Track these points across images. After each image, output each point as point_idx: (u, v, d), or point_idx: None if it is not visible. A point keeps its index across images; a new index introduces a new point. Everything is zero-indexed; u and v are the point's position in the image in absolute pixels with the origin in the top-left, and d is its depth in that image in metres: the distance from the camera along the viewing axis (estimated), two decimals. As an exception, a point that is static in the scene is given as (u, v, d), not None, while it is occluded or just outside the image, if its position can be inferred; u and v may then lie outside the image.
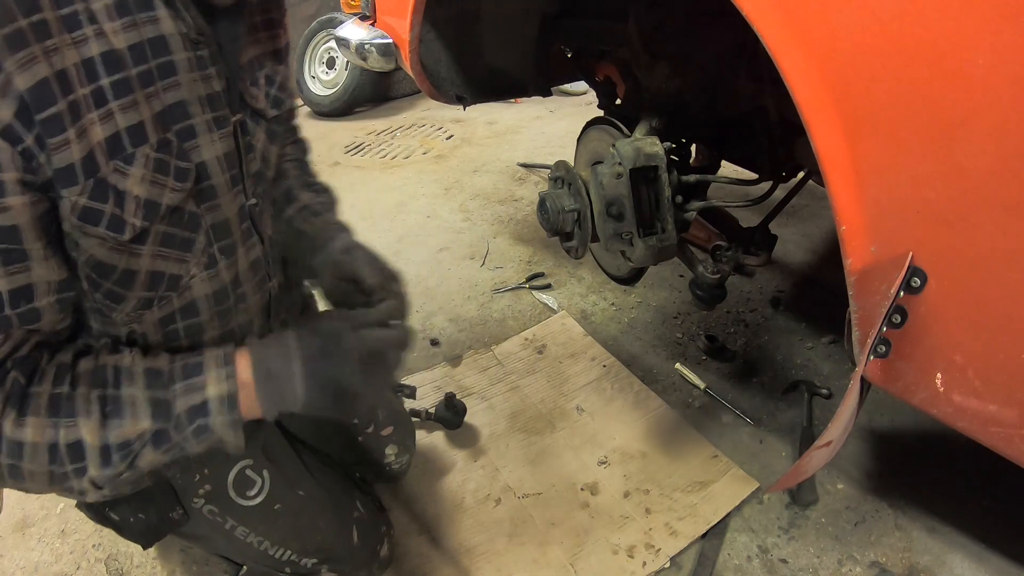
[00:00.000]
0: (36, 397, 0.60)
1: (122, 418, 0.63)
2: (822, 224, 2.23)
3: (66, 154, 0.55)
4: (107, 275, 0.64)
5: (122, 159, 0.59)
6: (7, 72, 0.50)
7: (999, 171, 0.57)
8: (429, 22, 1.42)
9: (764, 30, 0.70)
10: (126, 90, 0.58)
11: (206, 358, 0.68)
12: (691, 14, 1.12)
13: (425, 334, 1.77)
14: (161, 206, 0.63)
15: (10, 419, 0.59)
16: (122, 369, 0.65)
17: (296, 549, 0.96)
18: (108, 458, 0.62)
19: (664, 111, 1.17)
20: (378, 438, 1.15)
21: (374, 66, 1.85)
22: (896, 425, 1.41)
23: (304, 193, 0.95)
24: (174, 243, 0.67)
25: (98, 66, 0.56)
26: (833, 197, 0.70)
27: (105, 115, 0.57)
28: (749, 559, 1.16)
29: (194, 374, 0.66)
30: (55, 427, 0.60)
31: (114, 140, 0.58)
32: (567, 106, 3.62)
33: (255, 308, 0.82)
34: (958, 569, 1.12)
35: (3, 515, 1.28)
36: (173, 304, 0.71)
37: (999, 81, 0.55)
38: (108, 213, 0.59)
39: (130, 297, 0.66)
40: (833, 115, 0.67)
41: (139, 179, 0.60)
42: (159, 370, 0.66)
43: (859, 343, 0.73)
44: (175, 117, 0.63)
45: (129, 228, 0.61)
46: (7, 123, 0.51)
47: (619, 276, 1.39)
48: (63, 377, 0.62)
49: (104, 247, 0.61)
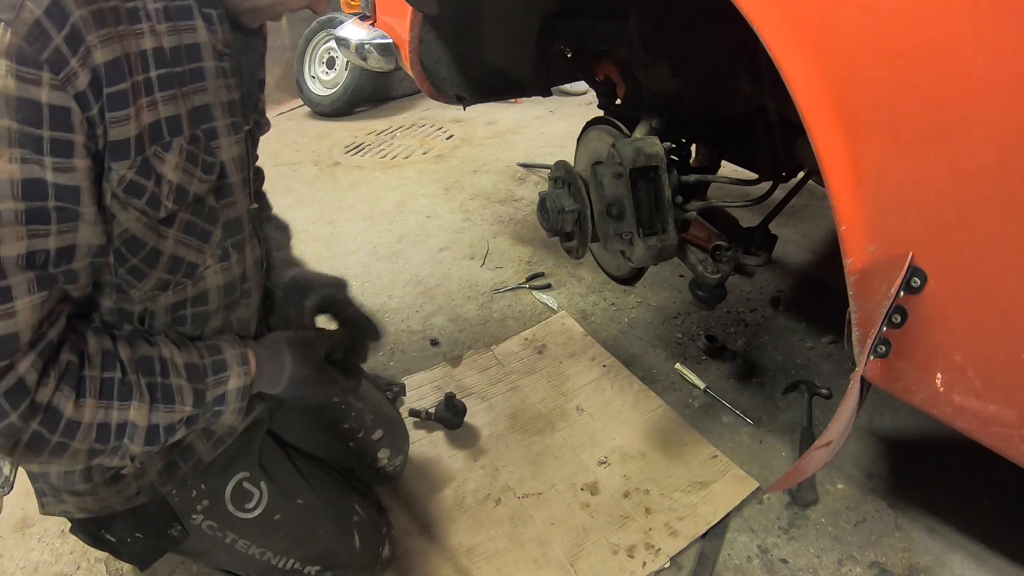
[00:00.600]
0: (91, 381, 0.65)
1: (172, 403, 0.71)
2: (822, 224, 2.23)
3: (124, 128, 0.60)
4: (136, 251, 0.68)
5: (161, 145, 0.65)
6: (88, 44, 0.56)
7: (999, 171, 0.57)
8: (429, 22, 1.42)
9: (764, 30, 0.70)
10: (169, 84, 0.65)
11: (228, 357, 0.78)
12: (691, 14, 1.13)
13: (425, 334, 1.77)
14: (189, 193, 0.69)
15: (71, 401, 0.63)
16: (166, 361, 0.73)
17: (299, 558, 0.96)
18: (155, 437, 0.70)
19: (664, 111, 1.18)
20: (369, 442, 1.16)
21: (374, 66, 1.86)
22: (896, 425, 1.41)
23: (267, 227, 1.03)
24: (195, 232, 0.73)
25: (149, 59, 0.63)
26: (833, 197, 0.70)
27: (151, 103, 0.63)
28: (749, 559, 1.16)
29: (220, 371, 0.77)
30: (108, 408, 0.66)
31: (156, 127, 0.64)
32: (567, 106, 3.62)
33: (255, 305, 0.88)
34: (958, 569, 1.12)
35: (3, 515, 1.28)
36: (187, 291, 0.76)
37: (999, 81, 0.55)
38: (149, 190, 0.65)
39: (151, 276, 0.71)
40: (833, 115, 0.67)
41: (173, 166, 0.66)
42: (196, 365, 0.75)
43: (859, 343, 0.73)
44: (201, 118, 0.70)
45: (163, 208, 0.67)
46: (82, 90, 0.56)
47: (619, 276, 1.39)
48: (112, 363, 0.68)
49: (140, 223, 0.66)
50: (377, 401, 1.22)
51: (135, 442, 0.69)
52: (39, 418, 0.61)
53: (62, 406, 0.62)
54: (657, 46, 1.15)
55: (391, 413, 1.24)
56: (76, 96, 0.56)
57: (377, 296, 1.94)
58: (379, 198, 2.61)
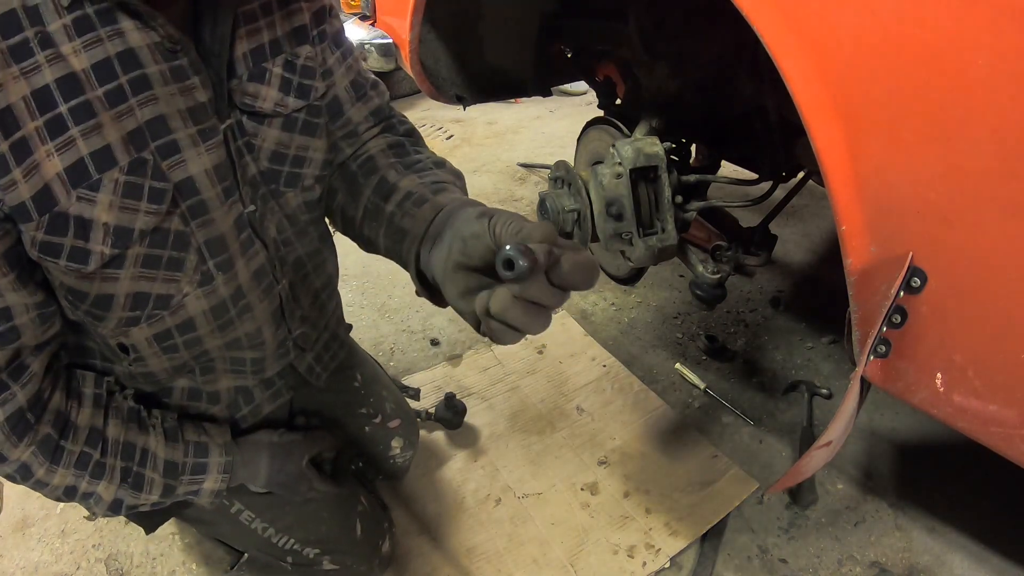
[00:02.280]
0: (69, 453, 0.70)
1: (139, 491, 0.77)
2: (822, 224, 2.23)
3: (15, 194, 0.52)
4: (82, 299, 0.64)
5: (87, 186, 0.55)
6: None
7: (999, 171, 0.57)
8: (429, 22, 1.42)
9: (764, 30, 0.70)
10: (88, 114, 0.54)
11: (210, 462, 0.82)
12: (691, 14, 1.13)
13: (425, 334, 1.77)
14: (134, 231, 0.60)
15: (43, 468, 0.68)
16: (148, 452, 0.77)
17: (300, 538, 0.96)
18: (117, 508, 0.77)
19: (664, 111, 1.18)
20: (385, 429, 1.16)
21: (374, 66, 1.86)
22: (896, 425, 1.41)
23: (406, 178, 0.75)
24: (159, 264, 0.64)
25: (54, 93, 0.52)
26: (833, 197, 0.70)
27: (64, 144, 0.53)
28: (749, 559, 1.16)
29: (199, 472, 0.82)
30: (79, 478, 0.72)
31: (77, 168, 0.55)
32: (567, 106, 3.62)
33: (263, 316, 0.79)
34: (958, 569, 1.12)
35: (3, 515, 1.28)
36: (167, 322, 0.70)
37: (999, 81, 0.55)
38: (68, 246, 0.57)
39: (110, 317, 0.66)
40: (833, 115, 0.67)
41: (107, 205, 0.57)
42: (176, 464, 0.79)
43: (859, 343, 0.73)
44: (154, 133, 0.59)
45: (96, 258, 0.59)
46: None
47: (619, 276, 1.40)
48: (96, 441, 0.72)
49: (71, 276, 0.60)
50: (397, 393, 1.22)
51: (99, 507, 0.76)
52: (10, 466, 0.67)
53: (33, 468, 0.68)
54: (657, 46, 1.15)
55: (408, 408, 1.25)
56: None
57: (377, 296, 1.94)
58: (379, 198, 2.61)
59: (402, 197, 0.73)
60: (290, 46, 0.71)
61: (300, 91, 0.72)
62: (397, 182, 0.75)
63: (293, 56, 0.71)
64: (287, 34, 0.71)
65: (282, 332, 0.85)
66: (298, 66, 0.72)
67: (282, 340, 0.86)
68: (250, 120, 0.69)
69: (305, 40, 0.73)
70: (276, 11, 0.69)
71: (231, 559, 1.14)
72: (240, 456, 0.87)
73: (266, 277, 0.78)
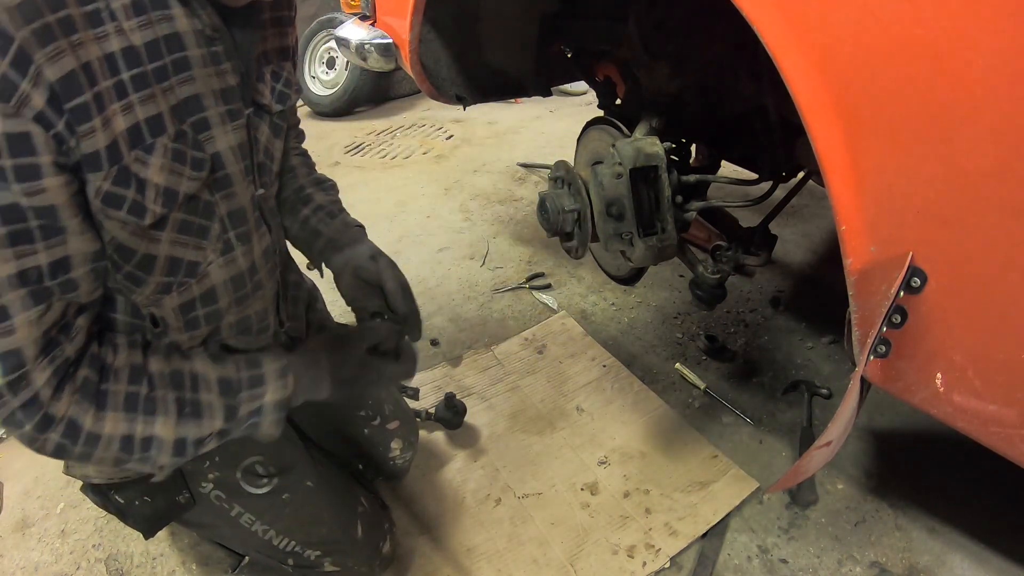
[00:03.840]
0: (114, 395, 0.67)
1: (201, 418, 0.72)
2: (822, 224, 2.23)
3: (92, 141, 0.58)
4: (128, 258, 0.67)
5: (143, 148, 0.62)
6: (38, 64, 0.54)
7: (999, 171, 0.57)
8: (429, 22, 1.42)
9: (764, 30, 0.70)
10: (144, 84, 0.62)
11: (266, 371, 0.78)
12: (691, 14, 1.12)
13: (425, 334, 1.76)
14: (179, 194, 0.67)
15: (90, 414, 0.65)
16: (198, 376, 0.73)
17: (300, 540, 0.96)
18: (183, 450, 0.72)
19: (664, 111, 1.17)
20: (384, 431, 1.16)
21: (374, 66, 1.85)
22: (896, 425, 1.41)
23: (316, 192, 1.01)
24: (191, 230, 0.71)
25: (119, 61, 0.59)
26: (833, 197, 0.70)
27: (126, 107, 0.60)
28: (749, 559, 1.16)
29: (256, 384, 0.77)
30: (133, 422, 0.68)
31: (135, 130, 0.61)
32: (567, 106, 3.62)
33: (270, 296, 0.87)
34: (958, 569, 1.12)
35: (3, 515, 1.28)
36: (192, 291, 0.75)
37: (999, 81, 0.55)
38: (130, 199, 0.63)
39: (149, 281, 0.70)
40: (833, 115, 0.67)
41: (159, 168, 0.64)
42: (229, 380, 0.75)
43: (859, 343, 0.73)
44: (190, 110, 0.67)
45: (150, 214, 0.65)
46: (40, 110, 0.54)
47: (619, 276, 1.39)
48: (139, 377, 0.69)
49: (125, 231, 0.65)
50: (396, 394, 1.23)
51: (163, 454, 0.70)
52: (58, 430, 0.64)
53: (80, 419, 0.64)
54: (657, 46, 1.15)
55: (407, 408, 1.25)
56: (35, 117, 0.54)
57: (377, 296, 1.94)
58: (379, 198, 2.61)
59: (316, 207, 0.99)
60: (277, 59, 0.84)
61: (280, 98, 0.84)
62: (313, 195, 1.00)
63: (279, 68, 0.84)
64: (276, 49, 0.84)
65: (276, 321, 0.91)
66: (282, 77, 0.85)
67: (277, 330, 0.91)
68: (255, 115, 0.79)
69: (288, 58, 0.87)
70: (270, 28, 0.82)
71: (232, 562, 1.14)
72: (297, 359, 0.82)
73: (271, 258, 0.86)
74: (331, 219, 0.98)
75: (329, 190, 1.03)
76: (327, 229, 0.96)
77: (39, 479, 1.35)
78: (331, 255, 0.95)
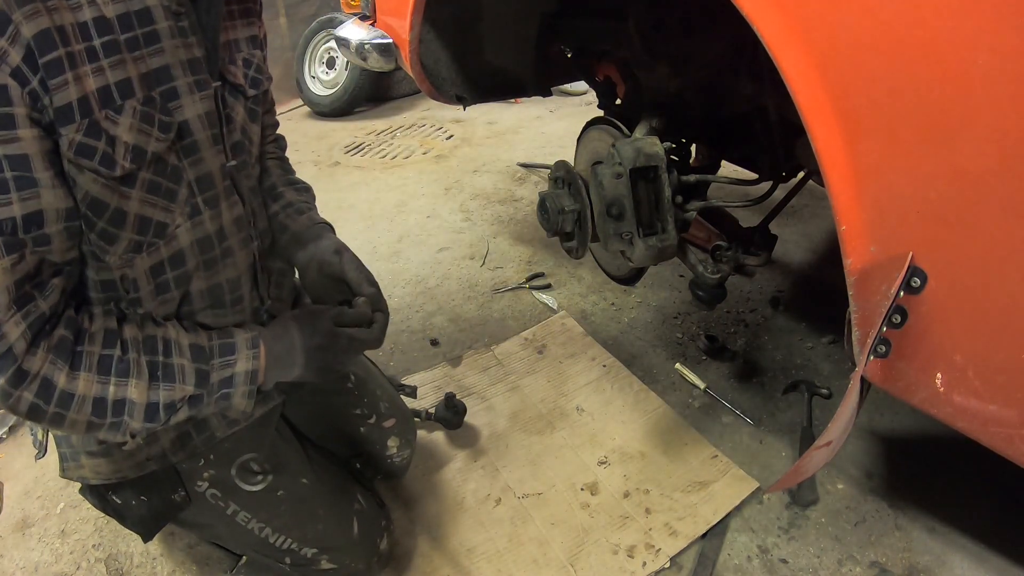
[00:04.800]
0: (88, 356, 0.68)
1: (172, 382, 0.73)
2: (822, 224, 2.23)
3: (64, 94, 0.62)
4: (100, 213, 0.69)
5: (113, 109, 0.66)
6: (16, 22, 0.58)
7: (999, 171, 0.57)
8: (429, 22, 1.42)
9: (764, 30, 0.70)
10: (115, 50, 0.66)
11: (237, 341, 0.79)
12: (691, 14, 1.13)
13: (425, 334, 1.77)
14: (147, 152, 0.70)
15: (63, 372, 0.66)
16: (170, 341, 0.75)
17: (297, 538, 0.96)
18: (155, 414, 0.72)
19: (664, 111, 1.18)
20: (380, 429, 1.16)
21: (374, 66, 1.85)
22: (896, 425, 1.41)
23: (288, 191, 1.02)
24: (159, 191, 0.73)
25: (91, 28, 0.64)
26: (833, 197, 0.70)
27: (97, 69, 0.64)
28: (749, 559, 1.16)
29: (228, 353, 0.78)
30: (105, 384, 0.69)
31: (105, 91, 0.65)
32: (567, 106, 3.62)
33: (242, 264, 0.87)
34: (958, 569, 1.12)
35: (3, 515, 1.28)
36: (161, 253, 0.77)
37: (999, 81, 0.55)
38: (100, 150, 0.66)
39: (121, 237, 0.72)
40: (833, 115, 0.67)
41: (127, 127, 0.67)
42: (201, 346, 0.77)
43: (859, 343, 0.73)
44: (159, 79, 0.71)
45: (119, 167, 0.68)
46: (16, 65, 0.59)
47: (619, 276, 1.39)
48: (113, 341, 0.71)
49: (97, 184, 0.67)
50: (392, 392, 1.22)
51: (134, 418, 0.71)
52: (32, 387, 0.65)
53: (55, 378, 0.66)
54: (657, 46, 1.15)
55: (403, 406, 1.25)
56: (12, 73, 0.58)
57: (377, 296, 1.94)
58: (379, 198, 2.61)
59: (286, 204, 1.01)
60: (247, 48, 0.88)
61: (253, 83, 0.88)
62: (283, 192, 1.02)
63: (250, 55, 0.88)
64: (247, 38, 0.88)
65: (256, 298, 0.92)
66: (253, 63, 0.89)
67: (257, 308, 0.92)
68: (229, 94, 0.82)
69: (258, 47, 0.91)
70: (239, 18, 0.87)
71: (230, 562, 1.14)
72: (268, 332, 0.83)
73: (244, 229, 0.87)
74: (298, 215, 0.99)
75: (302, 191, 1.05)
76: (293, 224, 0.98)
77: (39, 479, 1.35)
78: (295, 251, 0.96)
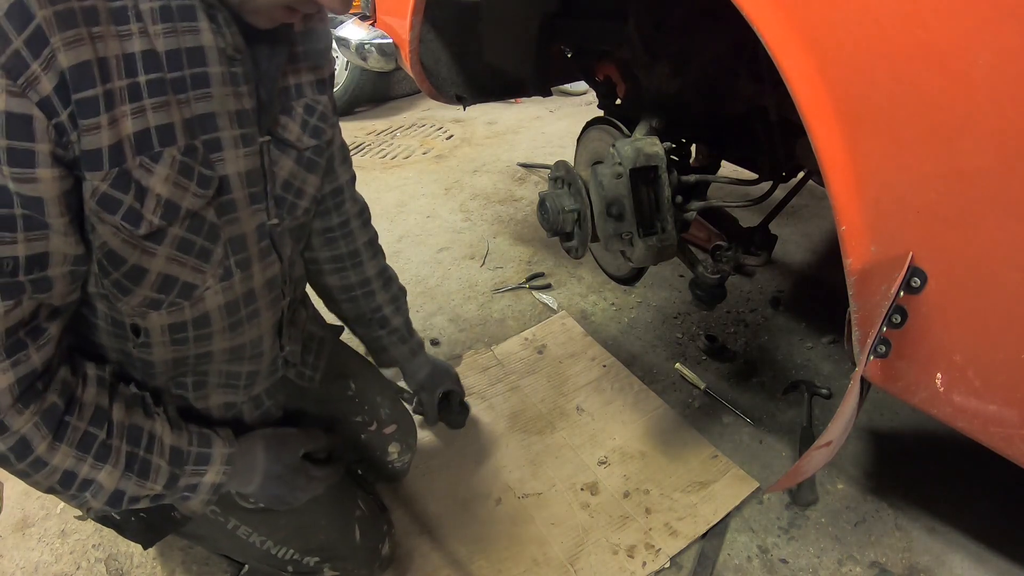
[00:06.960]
0: (73, 429, 0.66)
1: (145, 479, 0.72)
2: (822, 224, 2.23)
3: (95, 138, 0.56)
4: (117, 266, 0.65)
5: (149, 156, 0.60)
6: (53, 47, 0.52)
7: (999, 171, 0.57)
8: (429, 22, 1.42)
9: (764, 30, 0.70)
10: (160, 91, 0.60)
11: (214, 453, 0.79)
12: (691, 14, 1.12)
13: (425, 334, 1.77)
14: (181, 208, 0.65)
15: (46, 441, 0.63)
16: (155, 437, 0.73)
17: (299, 548, 0.96)
18: (118, 501, 0.71)
19: (664, 111, 1.17)
20: (381, 436, 1.16)
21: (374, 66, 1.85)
22: (896, 425, 1.41)
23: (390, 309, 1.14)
24: (192, 250, 0.69)
25: (137, 62, 0.58)
26: (833, 197, 0.70)
27: (137, 110, 0.59)
28: (749, 559, 1.16)
29: (202, 463, 0.78)
30: (81, 461, 0.67)
31: (143, 136, 0.59)
32: (567, 106, 3.62)
33: (267, 325, 0.84)
34: (958, 569, 1.12)
35: (3, 515, 1.28)
36: (185, 313, 0.73)
37: (999, 82, 0.55)
38: (126, 204, 0.60)
39: (137, 293, 0.68)
40: (833, 115, 0.67)
41: (163, 178, 0.62)
42: (181, 450, 0.76)
43: (859, 343, 0.73)
44: (204, 127, 0.65)
45: (145, 224, 0.62)
46: (46, 95, 0.53)
47: (619, 276, 1.39)
48: (101, 421, 0.68)
49: (118, 237, 0.63)
50: (393, 396, 1.22)
51: (97, 499, 0.70)
52: (8, 441, 0.61)
53: (35, 443, 0.63)
54: (657, 46, 1.15)
55: (404, 410, 1.25)
56: (40, 103, 0.52)
57: (377, 296, 1.94)
58: (379, 198, 2.61)
59: (391, 330, 1.15)
60: (312, 93, 0.82)
61: (314, 132, 0.83)
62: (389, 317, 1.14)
63: (314, 102, 0.82)
64: (311, 83, 0.82)
65: (276, 348, 0.89)
66: (316, 111, 0.83)
67: (275, 357, 0.90)
68: (277, 147, 0.77)
69: (324, 92, 0.84)
70: (303, 61, 0.80)
71: (232, 571, 1.14)
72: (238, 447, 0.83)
73: (276, 288, 0.84)
74: (401, 344, 1.16)
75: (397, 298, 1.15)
76: (395, 351, 1.17)
77: (39, 479, 1.35)
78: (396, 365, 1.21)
